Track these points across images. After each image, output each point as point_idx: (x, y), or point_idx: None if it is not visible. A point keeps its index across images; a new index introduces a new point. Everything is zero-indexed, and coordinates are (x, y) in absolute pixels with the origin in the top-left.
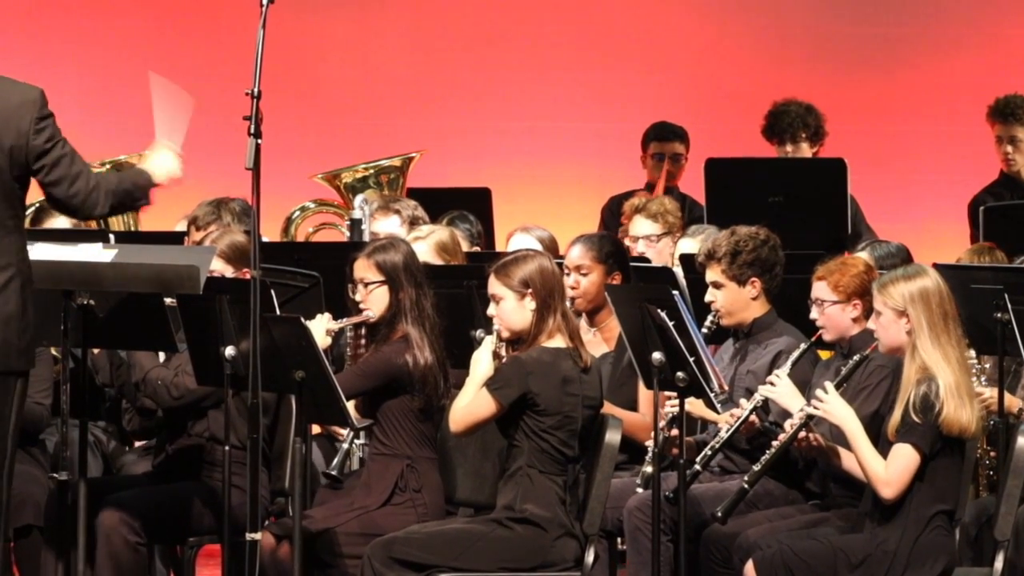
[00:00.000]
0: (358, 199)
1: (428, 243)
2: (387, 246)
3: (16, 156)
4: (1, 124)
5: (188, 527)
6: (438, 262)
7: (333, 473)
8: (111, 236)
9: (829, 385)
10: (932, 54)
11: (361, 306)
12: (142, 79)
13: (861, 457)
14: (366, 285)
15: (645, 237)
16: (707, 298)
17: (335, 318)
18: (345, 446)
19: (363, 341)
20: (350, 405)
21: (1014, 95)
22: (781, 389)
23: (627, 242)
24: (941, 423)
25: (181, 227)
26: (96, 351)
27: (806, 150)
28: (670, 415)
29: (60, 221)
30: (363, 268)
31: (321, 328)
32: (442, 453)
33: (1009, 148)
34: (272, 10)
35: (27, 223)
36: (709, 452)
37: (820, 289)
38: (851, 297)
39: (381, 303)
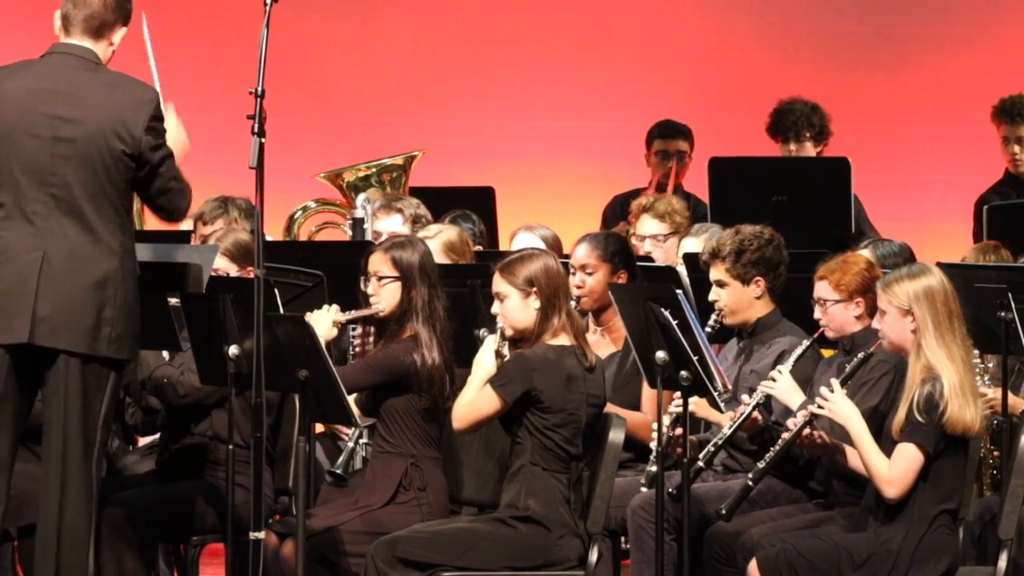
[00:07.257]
0: (360, 198)
1: (437, 242)
2: (405, 243)
3: (129, 149)
4: (118, 117)
5: (191, 526)
6: (446, 262)
7: (339, 472)
8: None
9: (835, 383)
10: (937, 53)
11: (372, 299)
12: (142, 78)
13: (865, 456)
14: (379, 279)
15: (652, 237)
16: (711, 297)
17: (343, 311)
18: (351, 445)
19: (371, 338)
20: (352, 404)
21: (1019, 95)
22: (781, 385)
23: (634, 241)
24: (945, 422)
25: (183, 227)
26: None
27: (810, 149)
28: (674, 415)
29: None
30: (379, 262)
31: (328, 319)
32: (446, 452)
33: (1016, 148)
34: (275, 9)
35: None
36: (712, 449)
37: (822, 288)
38: (853, 295)
39: (392, 299)
